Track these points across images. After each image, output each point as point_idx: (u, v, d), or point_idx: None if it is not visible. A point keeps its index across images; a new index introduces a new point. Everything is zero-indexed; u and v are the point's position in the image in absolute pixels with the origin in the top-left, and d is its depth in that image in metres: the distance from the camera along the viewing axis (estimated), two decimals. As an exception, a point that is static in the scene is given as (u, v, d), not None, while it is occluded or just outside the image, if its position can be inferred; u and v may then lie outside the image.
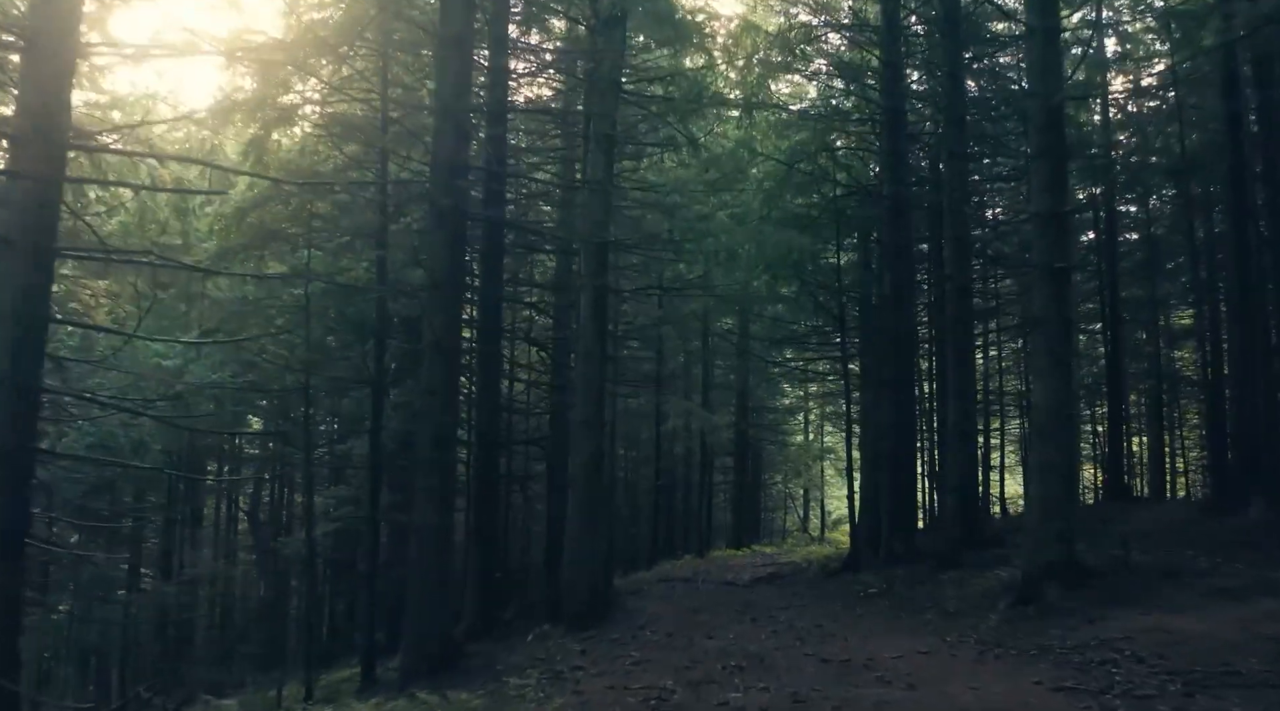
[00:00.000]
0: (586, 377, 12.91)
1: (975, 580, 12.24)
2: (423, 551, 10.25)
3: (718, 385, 30.52)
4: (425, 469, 10.26)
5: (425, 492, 10.20)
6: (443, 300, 10.38)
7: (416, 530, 10.38)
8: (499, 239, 14.55)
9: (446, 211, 10.30)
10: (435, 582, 10.28)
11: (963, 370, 14.19)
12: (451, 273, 10.52)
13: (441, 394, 10.22)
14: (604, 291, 13.21)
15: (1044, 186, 11.01)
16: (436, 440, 10.18)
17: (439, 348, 10.23)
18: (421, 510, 10.21)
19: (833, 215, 18.46)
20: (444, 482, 10.26)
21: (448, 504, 10.37)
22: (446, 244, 10.45)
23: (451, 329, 10.52)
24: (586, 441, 12.86)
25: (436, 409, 10.17)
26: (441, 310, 10.38)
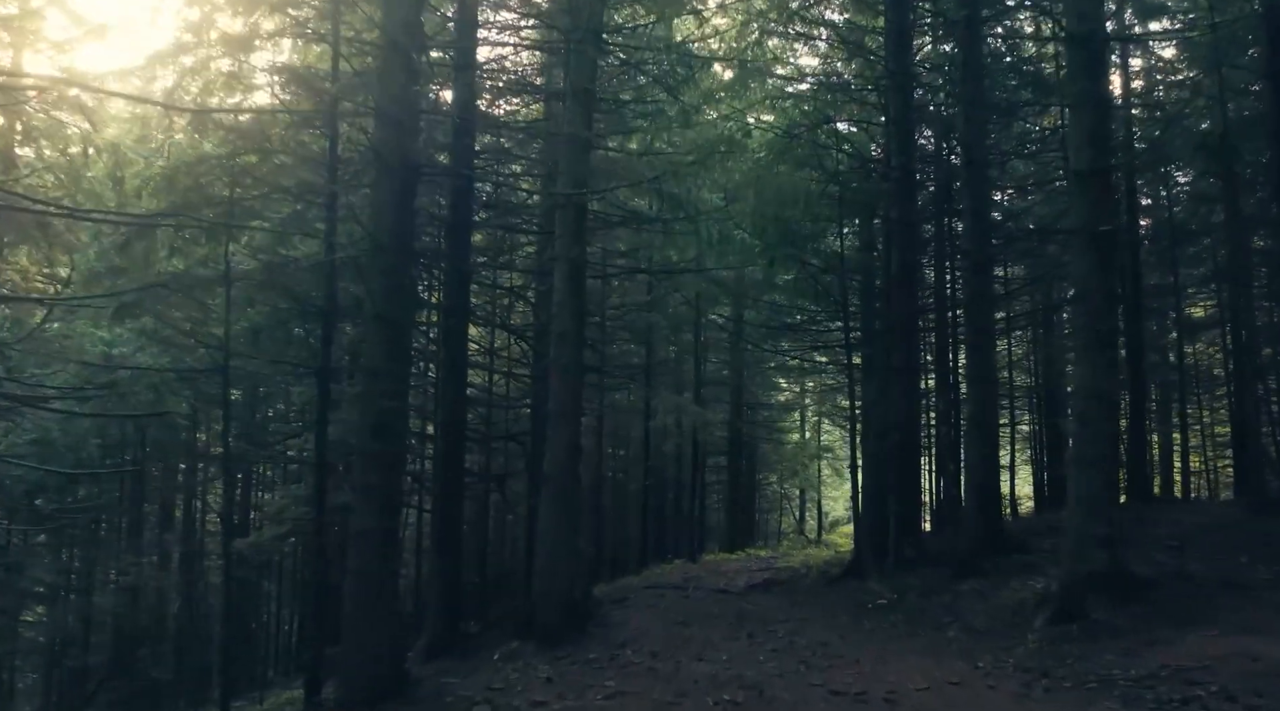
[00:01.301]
0: (562, 363, 11.42)
1: (1001, 591, 10.78)
2: (363, 561, 8.74)
3: (711, 380, 29.05)
4: (364, 464, 8.76)
5: (364, 492, 8.70)
6: (386, 264, 8.88)
7: (355, 536, 8.88)
8: (467, 206, 13.07)
9: (392, 162, 8.82)
10: (377, 597, 8.77)
11: (981, 354, 12.75)
12: (397, 233, 9.02)
13: (385, 375, 8.73)
14: (581, 265, 11.72)
15: (1084, 140, 9.58)
16: (377, 430, 8.69)
17: (381, 320, 8.74)
18: (361, 513, 8.72)
19: (835, 191, 17.03)
20: (387, 480, 8.76)
21: (392, 505, 8.86)
22: (392, 199, 8.95)
23: (396, 298, 9.02)
24: (563, 434, 11.38)
25: (378, 393, 8.69)
26: (384, 276, 8.88)
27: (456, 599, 12.83)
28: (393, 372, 8.85)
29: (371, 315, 8.82)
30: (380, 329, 8.79)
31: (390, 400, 8.70)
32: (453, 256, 12.73)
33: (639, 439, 26.93)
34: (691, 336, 25.68)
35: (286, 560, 24.51)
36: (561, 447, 11.24)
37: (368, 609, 8.64)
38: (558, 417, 11.41)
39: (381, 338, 8.80)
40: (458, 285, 12.92)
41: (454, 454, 12.86)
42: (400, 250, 9.03)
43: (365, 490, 8.69)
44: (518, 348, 21.41)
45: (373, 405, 8.68)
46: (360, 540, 8.73)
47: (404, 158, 8.99)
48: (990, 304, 13.39)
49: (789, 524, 38.23)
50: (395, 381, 8.88)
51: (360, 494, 8.74)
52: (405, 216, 9.23)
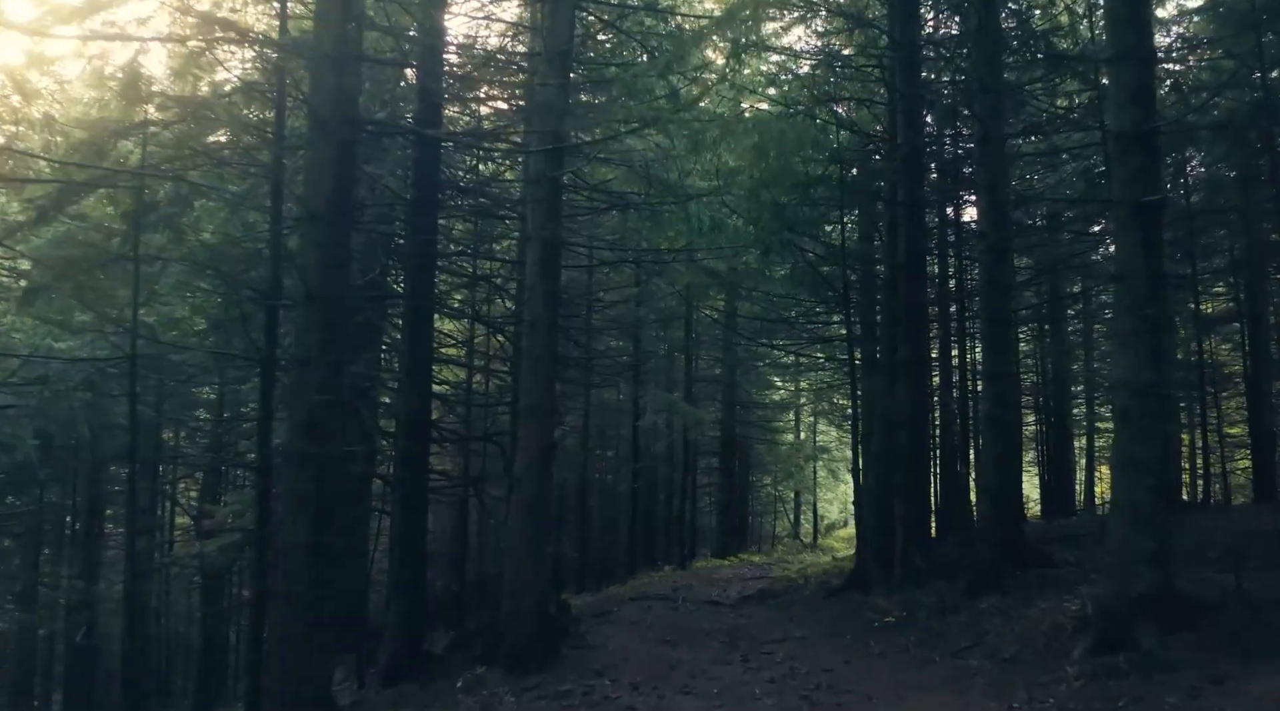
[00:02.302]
0: (534, 353, 10.20)
1: (1027, 611, 9.56)
2: (290, 581, 7.49)
3: (702, 379, 27.85)
4: (294, 467, 7.52)
5: (294, 501, 7.46)
6: (321, 235, 7.65)
7: (282, 552, 7.65)
8: (432, 178, 11.81)
9: (328, 116, 7.59)
10: (305, 623, 7.52)
11: (999, 347, 11.56)
12: (335, 199, 7.76)
13: (318, 364, 7.50)
14: (556, 245, 10.50)
15: (1127, 98, 8.37)
16: (309, 428, 7.45)
17: (315, 300, 7.51)
18: (289, 525, 7.48)
19: (836, 173, 15.83)
20: (320, 486, 7.50)
21: (324, 514, 7.59)
22: (328, 161, 7.72)
23: (333, 274, 7.77)
24: (534, 433, 10.15)
25: (310, 385, 7.46)
26: (319, 248, 7.65)
27: (419, 615, 11.57)
28: (328, 361, 7.61)
29: (304, 294, 7.58)
30: (314, 310, 7.54)
31: (324, 393, 7.46)
32: (415, 234, 11.48)
33: (627, 439, 25.73)
34: (682, 332, 24.47)
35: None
36: (532, 448, 10.01)
37: (294, 636, 7.39)
38: (529, 414, 10.18)
39: (315, 320, 7.55)
40: (421, 267, 11.67)
41: (417, 455, 11.60)
42: (338, 218, 7.78)
43: (295, 499, 7.44)
44: (496, 342, 20.14)
45: (304, 399, 7.44)
46: (288, 557, 7.48)
47: (342, 112, 7.76)
48: (1008, 291, 12.20)
49: (784, 527, 37.03)
50: (331, 372, 7.64)
51: (289, 503, 7.50)
52: (345, 181, 7.99)
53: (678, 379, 26.23)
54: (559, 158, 10.34)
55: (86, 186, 9.10)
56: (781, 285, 18.32)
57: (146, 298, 10.06)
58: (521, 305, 16.06)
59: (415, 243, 11.72)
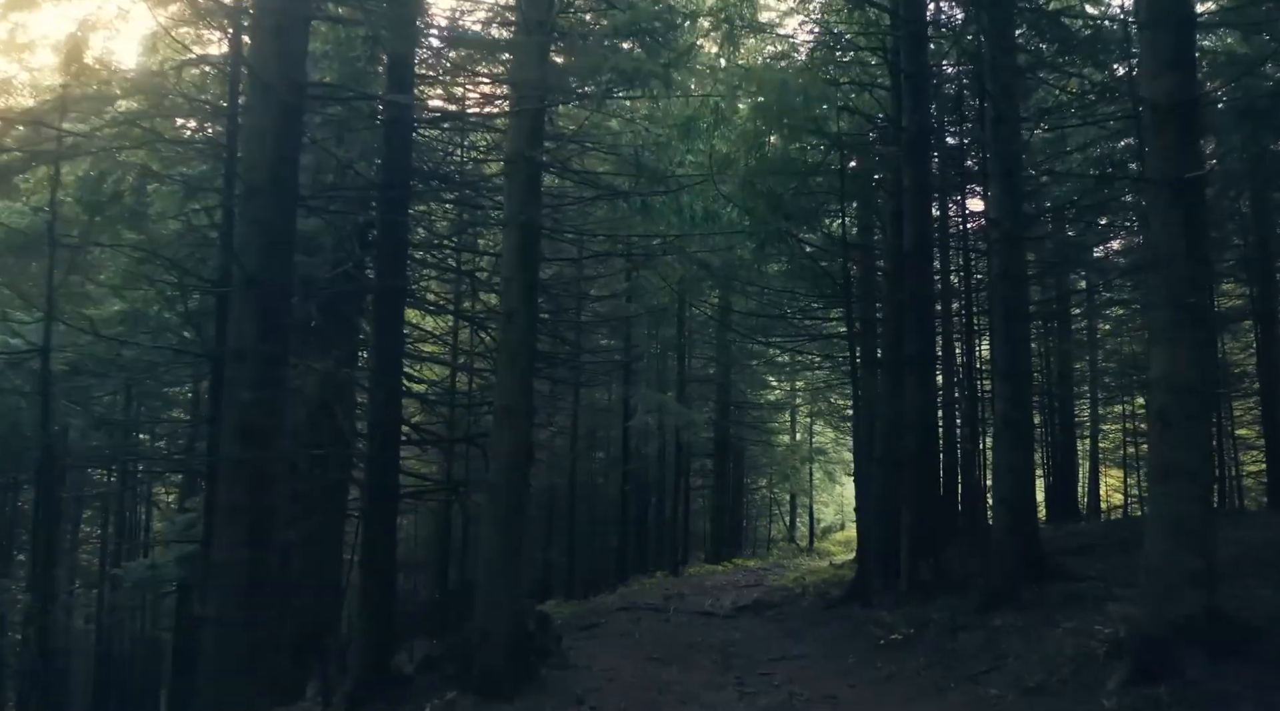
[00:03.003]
0: (510, 348, 9.33)
1: (1049, 631, 8.72)
2: (224, 605, 6.60)
3: (695, 378, 26.99)
4: (228, 476, 6.64)
5: (228, 514, 6.57)
6: (260, 211, 6.78)
7: (214, 571, 6.77)
8: (402, 158, 10.94)
9: (270, 79, 6.72)
10: (239, 649, 6.62)
11: (1013, 344, 10.70)
12: (277, 172, 6.88)
13: (255, 356, 6.62)
14: (534, 231, 9.63)
15: (1162, 65, 7.54)
16: (245, 431, 6.58)
17: (254, 286, 6.63)
18: (222, 540, 6.60)
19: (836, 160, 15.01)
20: (257, 497, 6.61)
21: (261, 528, 6.71)
22: (270, 129, 6.85)
23: (275, 256, 6.89)
24: (508, 435, 9.29)
25: (246, 382, 6.59)
26: (258, 227, 6.78)
27: (387, 632, 10.69)
28: (268, 355, 6.72)
29: (241, 278, 6.70)
30: (251, 296, 6.67)
31: (262, 390, 6.58)
32: (385, 219, 10.61)
33: (618, 440, 24.86)
34: (674, 329, 23.62)
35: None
36: (506, 451, 9.14)
37: (227, 666, 6.51)
38: (503, 415, 9.31)
39: (253, 308, 6.67)
40: (391, 254, 10.79)
41: (386, 458, 10.71)
42: (280, 193, 6.90)
43: (228, 510, 6.56)
44: (480, 339, 19.25)
45: (238, 398, 6.56)
46: (221, 577, 6.59)
47: (286, 75, 6.89)
48: (1024, 283, 11.37)
49: (779, 530, 36.18)
50: (269, 367, 6.76)
51: (223, 516, 6.61)
52: (288, 151, 7.10)
53: (670, 378, 25.38)
54: (538, 134, 9.48)
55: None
56: (778, 279, 17.46)
57: (74, 285, 9.14)
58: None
59: (385, 228, 10.84)
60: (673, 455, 24.43)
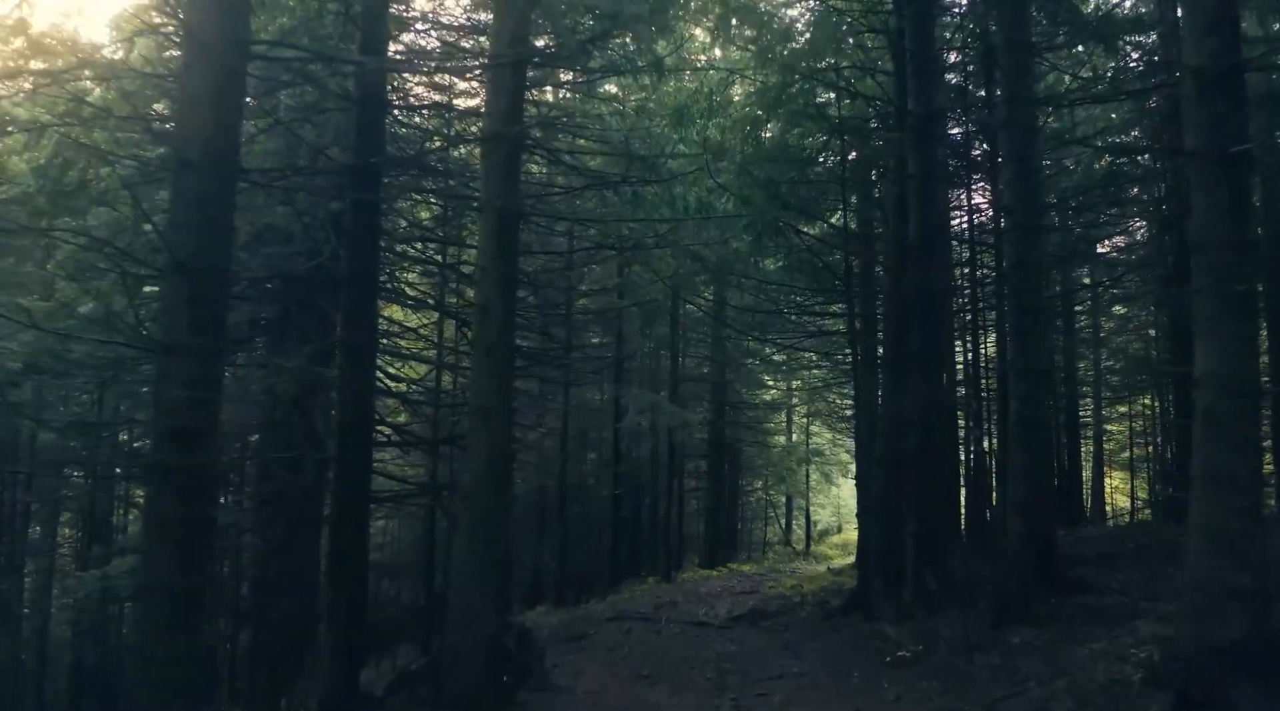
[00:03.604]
0: (485, 343, 8.59)
1: (1073, 651, 8.00)
2: (150, 635, 5.78)
3: (689, 378, 26.22)
4: (157, 484, 5.85)
5: (157, 527, 5.77)
6: (194, 187, 6.00)
7: (139, 595, 5.99)
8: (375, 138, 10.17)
9: (207, 38, 5.94)
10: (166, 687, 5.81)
11: (1030, 339, 9.96)
12: (214, 143, 6.08)
13: (187, 350, 5.85)
14: (513, 217, 8.88)
15: (1204, 28, 6.83)
16: (176, 434, 5.80)
17: (183, 270, 5.85)
18: (150, 560, 5.80)
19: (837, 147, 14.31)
20: (190, 509, 5.81)
21: (198, 547, 5.90)
22: (208, 94, 6.07)
23: (209, 238, 6.09)
24: (484, 437, 8.54)
25: (177, 379, 5.81)
26: (191, 206, 5.98)
27: (356, 648, 9.91)
28: (201, 348, 5.93)
29: (170, 264, 5.92)
30: (183, 283, 5.86)
31: (195, 389, 5.80)
32: (356, 205, 9.85)
33: (610, 441, 24.12)
34: (667, 327, 22.87)
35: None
36: (482, 454, 8.39)
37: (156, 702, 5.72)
38: (479, 416, 8.56)
39: (184, 296, 5.88)
40: (362, 242, 10.02)
41: (356, 462, 9.94)
42: (217, 167, 6.09)
43: (158, 524, 5.75)
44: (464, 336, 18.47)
45: (168, 397, 5.78)
46: (148, 603, 5.77)
47: (224, 31, 6.11)
48: (1040, 274, 10.63)
49: (774, 533, 35.44)
50: (204, 363, 5.96)
51: (150, 531, 5.82)
52: (228, 119, 6.29)
53: (663, 378, 24.62)
54: (517, 110, 8.73)
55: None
56: (775, 273, 16.74)
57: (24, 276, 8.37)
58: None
59: (355, 212, 10.07)
60: (666, 456, 23.66)
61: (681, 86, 16.98)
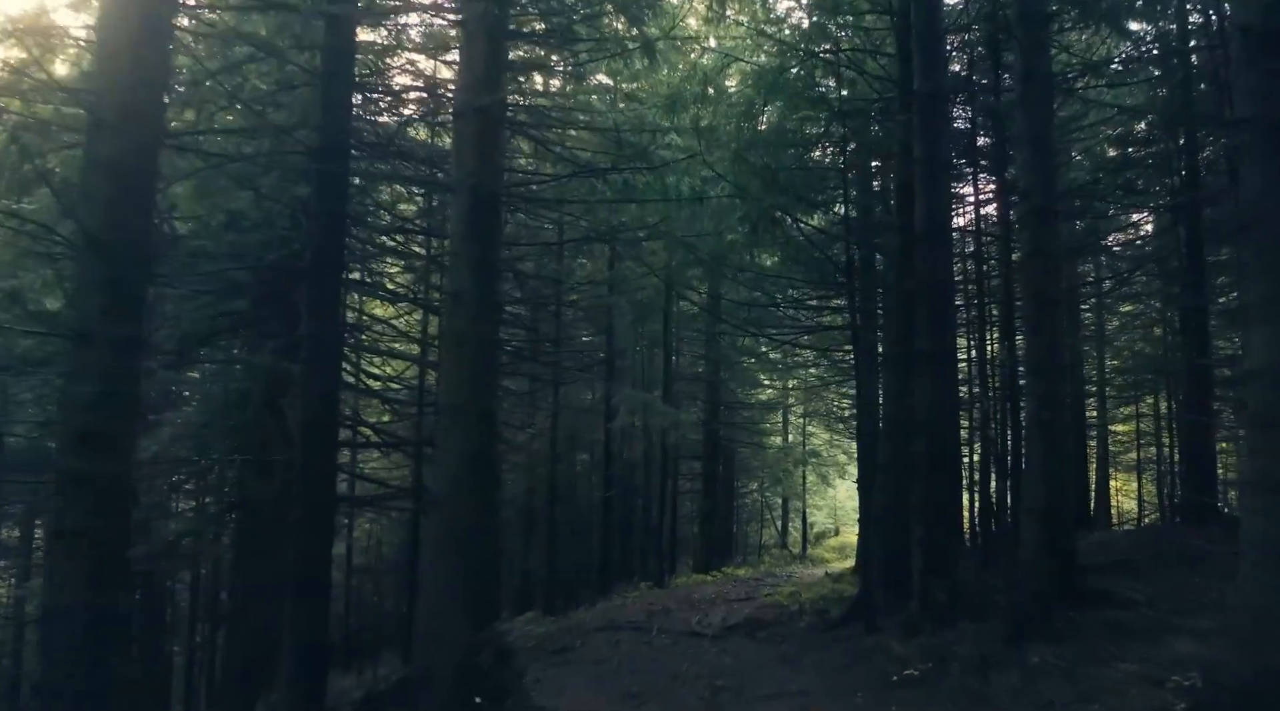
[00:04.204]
0: (457, 334, 7.86)
1: (1100, 672, 7.28)
2: (53, 662, 5.03)
3: (683, 377, 25.51)
4: (66, 495, 5.08)
5: (67, 543, 4.98)
6: (110, 148, 5.25)
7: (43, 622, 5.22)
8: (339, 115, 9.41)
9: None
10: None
11: (1045, 333, 9.25)
12: (132, 100, 5.29)
13: (101, 339, 5.09)
14: (489, 197, 8.14)
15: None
16: (86, 437, 5.04)
17: (96, 245, 5.10)
18: (56, 582, 5.03)
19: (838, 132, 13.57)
20: (103, 523, 5.04)
21: (113, 565, 5.12)
22: (123, 44, 5.30)
23: (125, 211, 5.31)
24: (458, 440, 7.80)
25: (90, 370, 5.06)
26: (104, 172, 5.23)
27: (318, 666, 9.15)
28: (116, 338, 5.16)
29: (82, 238, 5.15)
30: (96, 260, 5.11)
31: (109, 385, 5.03)
32: (320, 188, 9.09)
33: (602, 443, 23.39)
34: (660, 325, 22.14)
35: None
36: (453, 458, 7.65)
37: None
38: (451, 416, 7.82)
39: (97, 276, 5.12)
40: (326, 227, 9.27)
41: (319, 464, 9.18)
42: (135, 129, 5.32)
43: (66, 539, 4.98)
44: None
45: (80, 395, 5.01)
46: (52, 629, 5.01)
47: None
48: (1058, 263, 9.92)
49: (770, 536, 34.72)
50: (119, 354, 5.19)
51: (59, 548, 5.03)
52: (154, 71, 5.54)
53: (656, 377, 23.89)
54: (493, 80, 7.99)
55: None
56: (772, 266, 16.00)
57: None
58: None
59: (320, 193, 9.31)
60: (659, 458, 22.92)
61: (674, 74, 16.30)
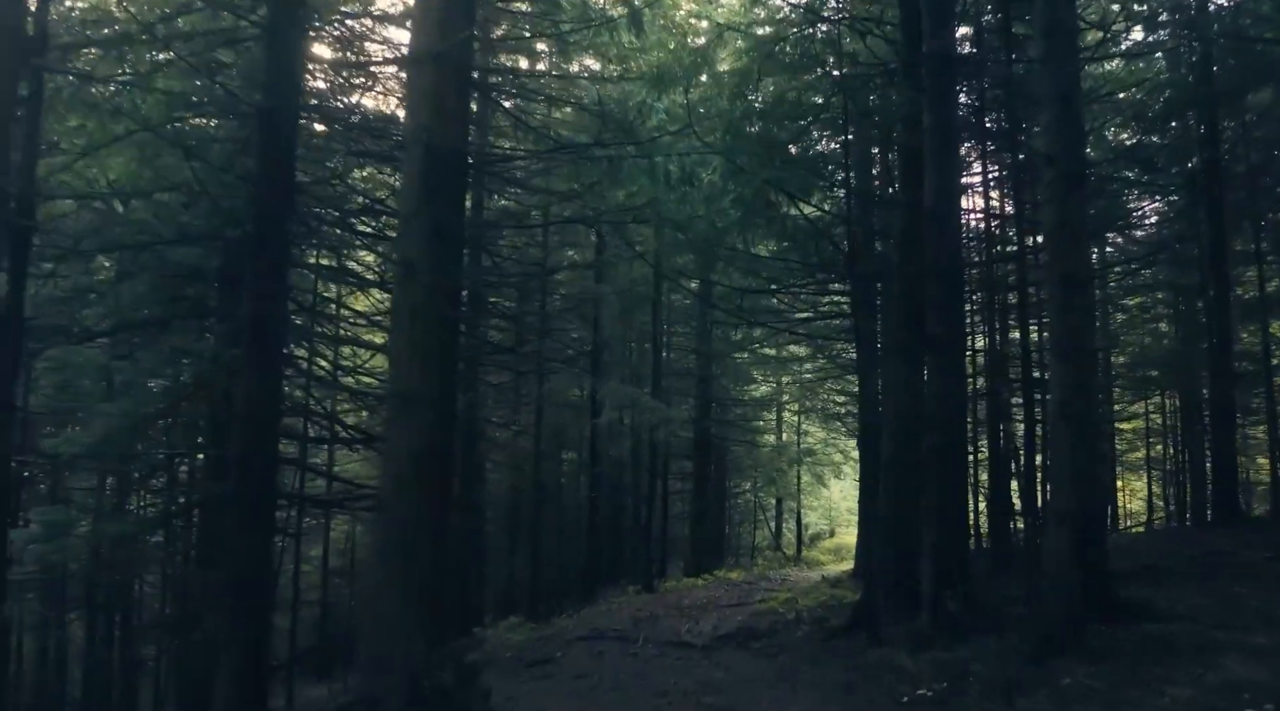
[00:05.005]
0: (409, 308, 6.86)
1: (1144, 695, 6.33)
2: None
3: (673, 372, 24.54)
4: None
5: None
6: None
7: None
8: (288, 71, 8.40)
9: None
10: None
11: (1073, 314, 8.30)
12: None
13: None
14: (449, 158, 7.13)
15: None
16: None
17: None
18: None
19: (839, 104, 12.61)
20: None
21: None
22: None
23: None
24: (408, 431, 6.82)
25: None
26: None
27: (255, 685, 8.12)
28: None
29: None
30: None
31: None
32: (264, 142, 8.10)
33: (585, 441, 22.42)
34: (648, 316, 21.17)
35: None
36: (402, 452, 6.66)
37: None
38: (398, 403, 6.83)
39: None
40: (270, 196, 8.25)
41: (258, 459, 8.16)
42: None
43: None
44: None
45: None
46: None
47: None
48: (1086, 238, 8.96)
49: (763, 538, 33.75)
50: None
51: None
52: None
53: (645, 372, 22.91)
54: (453, 23, 6.99)
55: None
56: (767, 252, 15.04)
57: None
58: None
59: (264, 162, 8.31)
60: (647, 456, 21.94)
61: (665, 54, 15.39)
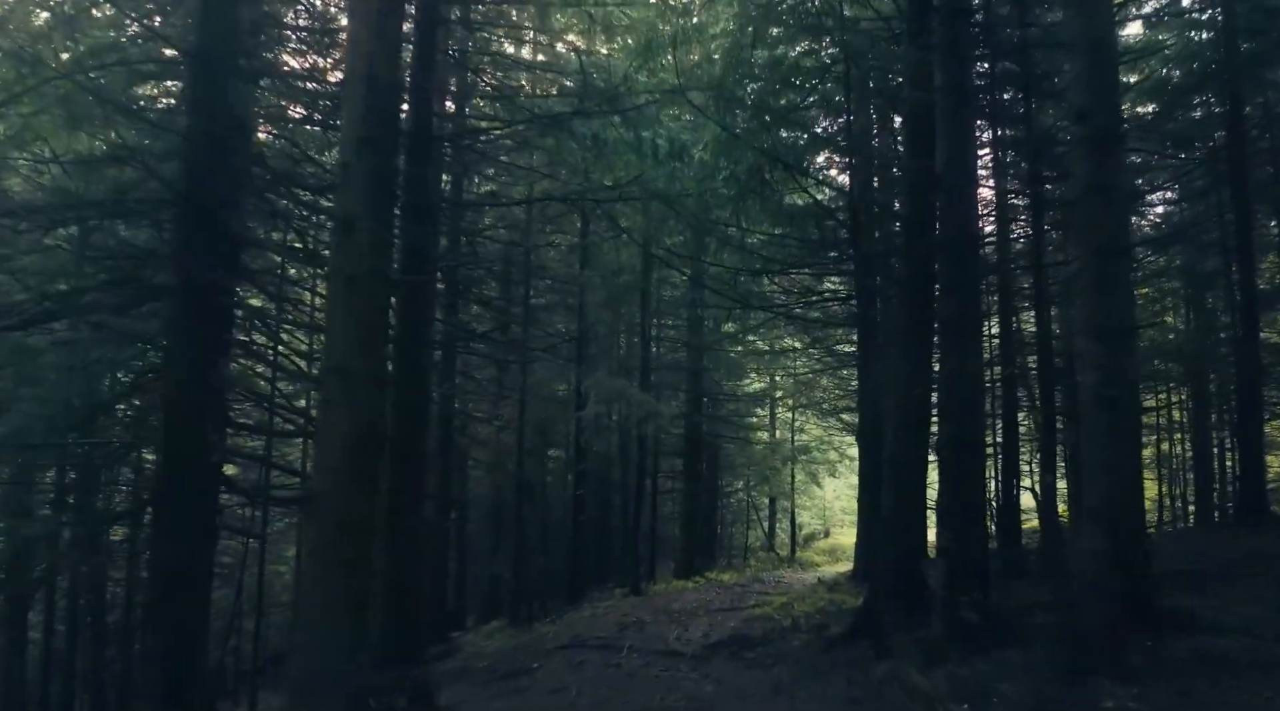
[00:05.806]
0: (344, 275, 5.84)
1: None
2: None
3: (663, 365, 23.56)
4: None
5: None
6: None
7: None
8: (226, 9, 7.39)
9: None
10: None
11: (1108, 289, 7.35)
12: None
13: None
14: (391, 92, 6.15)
15: None
16: None
17: None
18: None
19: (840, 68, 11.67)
20: None
21: None
22: None
23: None
24: (343, 415, 5.80)
25: None
26: None
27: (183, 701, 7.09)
28: None
29: None
30: None
31: None
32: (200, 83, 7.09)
33: (570, 436, 21.42)
34: (637, 304, 20.18)
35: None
36: (336, 438, 5.66)
37: None
38: (334, 381, 5.81)
39: None
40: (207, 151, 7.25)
41: (184, 459, 7.15)
42: None
43: None
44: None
45: None
46: None
47: None
48: (1123, 205, 7.99)
49: (756, 538, 32.79)
50: None
51: None
52: None
53: (633, 365, 21.91)
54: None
55: None
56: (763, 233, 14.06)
57: None
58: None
59: (195, 113, 7.31)
60: (636, 453, 20.95)
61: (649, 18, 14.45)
